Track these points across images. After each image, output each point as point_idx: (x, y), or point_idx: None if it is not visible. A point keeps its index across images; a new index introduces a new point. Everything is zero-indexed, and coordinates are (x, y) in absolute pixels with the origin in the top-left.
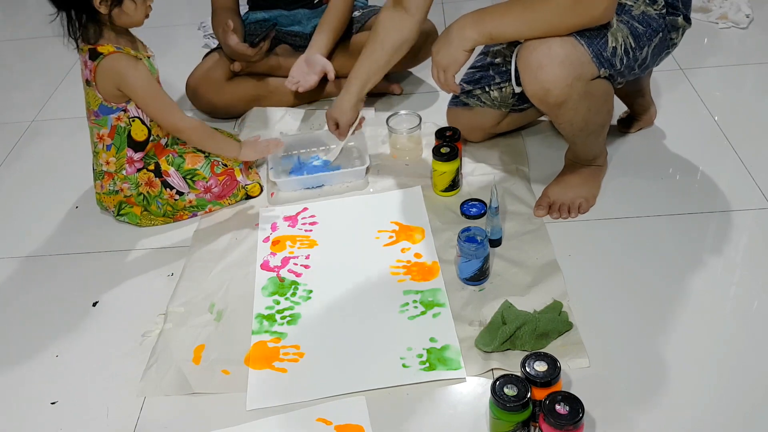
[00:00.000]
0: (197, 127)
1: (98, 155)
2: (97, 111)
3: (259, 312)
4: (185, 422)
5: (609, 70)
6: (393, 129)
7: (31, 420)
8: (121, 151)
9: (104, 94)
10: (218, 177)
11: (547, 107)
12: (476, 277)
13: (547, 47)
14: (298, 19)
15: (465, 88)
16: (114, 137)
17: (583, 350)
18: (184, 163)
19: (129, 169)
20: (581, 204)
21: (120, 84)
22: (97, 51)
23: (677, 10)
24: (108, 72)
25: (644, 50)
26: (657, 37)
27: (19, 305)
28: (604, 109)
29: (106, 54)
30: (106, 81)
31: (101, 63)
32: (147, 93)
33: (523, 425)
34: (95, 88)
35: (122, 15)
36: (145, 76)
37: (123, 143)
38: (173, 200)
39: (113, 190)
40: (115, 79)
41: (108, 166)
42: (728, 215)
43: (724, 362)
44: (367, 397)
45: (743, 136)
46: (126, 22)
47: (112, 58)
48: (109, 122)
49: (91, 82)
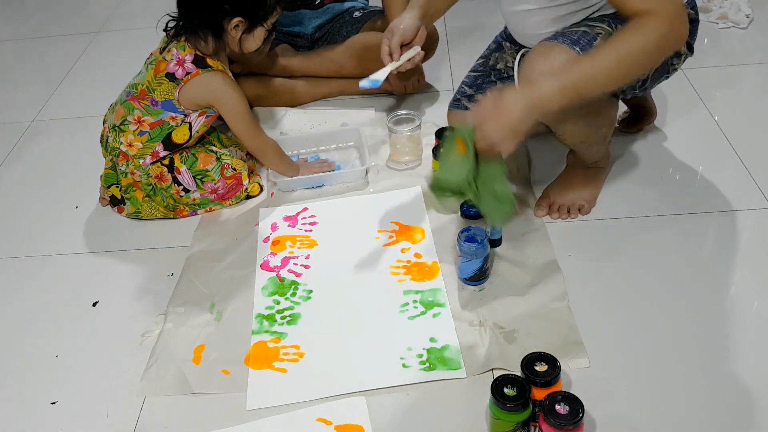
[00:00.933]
0: (274, 148)
1: (124, 133)
2: (159, 101)
3: (259, 312)
4: (185, 422)
5: None
6: (393, 129)
7: (31, 420)
8: (153, 143)
9: (184, 97)
10: (227, 180)
11: (548, 121)
12: (476, 277)
13: (549, 61)
14: (299, 19)
15: (467, 92)
16: (155, 128)
17: (583, 350)
18: (196, 162)
19: (148, 160)
20: (582, 205)
21: (216, 101)
22: (207, 62)
23: None
24: (208, 86)
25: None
26: None
27: (19, 305)
28: (606, 122)
29: (215, 69)
30: (201, 92)
31: (206, 74)
32: (242, 115)
33: (523, 425)
34: (179, 86)
35: (246, 42)
36: (243, 99)
37: (159, 137)
38: (178, 196)
39: (123, 172)
40: (213, 95)
41: (129, 149)
42: (728, 215)
43: (724, 362)
44: (367, 397)
45: (743, 136)
46: (245, 48)
47: (219, 76)
48: (162, 116)
49: (179, 79)
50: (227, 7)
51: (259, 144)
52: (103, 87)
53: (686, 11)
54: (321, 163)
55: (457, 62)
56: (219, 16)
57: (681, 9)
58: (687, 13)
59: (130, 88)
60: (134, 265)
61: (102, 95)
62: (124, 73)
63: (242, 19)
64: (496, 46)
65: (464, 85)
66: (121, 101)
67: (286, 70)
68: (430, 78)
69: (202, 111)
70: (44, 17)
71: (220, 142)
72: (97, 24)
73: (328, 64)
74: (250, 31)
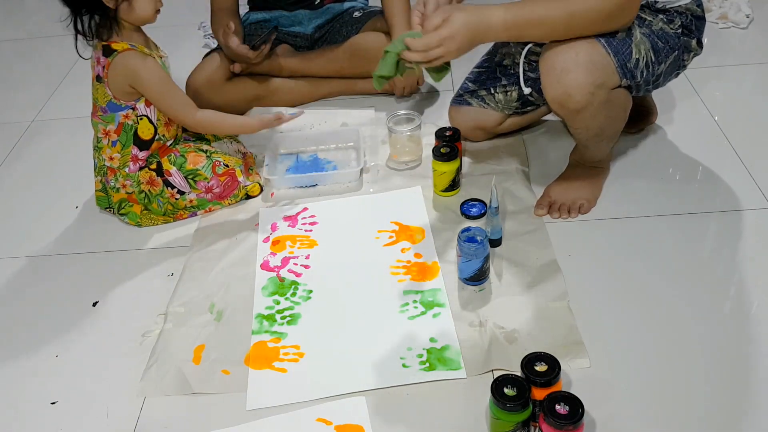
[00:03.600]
0: (210, 117)
1: (102, 150)
2: (105, 107)
3: (259, 312)
4: (185, 422)
5: (630, 80)
6: (393, 129)
7: (31, 420)
8: (126, 148)
9: (115, 91)
10: (219, 177)
11: (567, 112)
12: (476, 277)
13: (575, 52)
14: (299, 19)
15: (470, 88)
16: (120, 134)
17: (584, 350)
18: (185, 163)
19: (132, 166)
20: (582, 205)
21: (133, 81)
22: (111, 48)
23: (691, 33)
24: (121, 68)
25: (661, 66)
26: (673, 55)
27: (19, 305)
28: (621, 118)
29: (120, 51)
30: (119, 77)
31: (115, 59)
32: (160, 89)
33: (523, 425)
34: (106, 84)
35: (131, 11)
36: (158, 72)
37: (129, 140)
38: (174, 199)
39: (115, 187)
40: (129, 75)
41: (112, 162)
42: (728, 215)
43: (724, 362)
44: (367, 397)
45: (743, 136)
46: (135, 18)
47: (125, 55)
48: (116, 119)
49: (102, 78)
50: None
51: (194, 118)
52: None
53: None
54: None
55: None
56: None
57: None
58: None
59: (93, 110)
60: (134, 265)
61: None
62: None
63: None
64: (501, 42)
65: (467, 81)
66: (92, 122)
67: (286, 70)
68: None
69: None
70: (44, 17)
71: (214, 136)
72: None
73: (328, 64)
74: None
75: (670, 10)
